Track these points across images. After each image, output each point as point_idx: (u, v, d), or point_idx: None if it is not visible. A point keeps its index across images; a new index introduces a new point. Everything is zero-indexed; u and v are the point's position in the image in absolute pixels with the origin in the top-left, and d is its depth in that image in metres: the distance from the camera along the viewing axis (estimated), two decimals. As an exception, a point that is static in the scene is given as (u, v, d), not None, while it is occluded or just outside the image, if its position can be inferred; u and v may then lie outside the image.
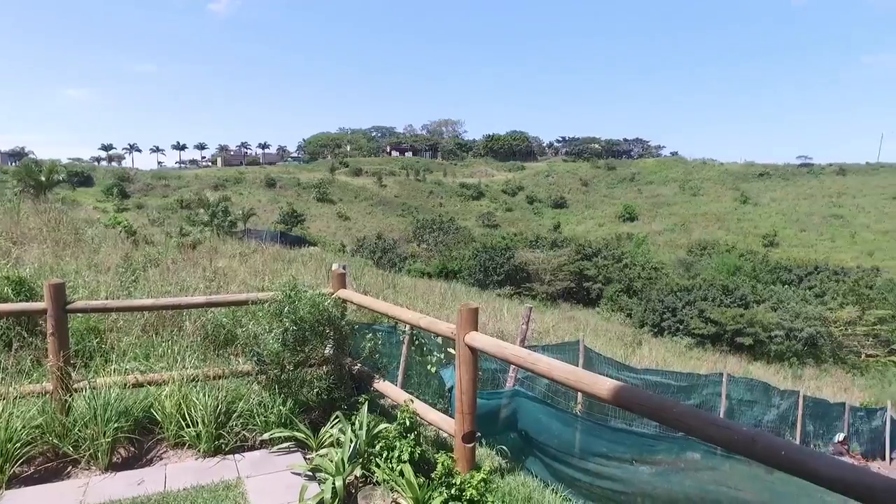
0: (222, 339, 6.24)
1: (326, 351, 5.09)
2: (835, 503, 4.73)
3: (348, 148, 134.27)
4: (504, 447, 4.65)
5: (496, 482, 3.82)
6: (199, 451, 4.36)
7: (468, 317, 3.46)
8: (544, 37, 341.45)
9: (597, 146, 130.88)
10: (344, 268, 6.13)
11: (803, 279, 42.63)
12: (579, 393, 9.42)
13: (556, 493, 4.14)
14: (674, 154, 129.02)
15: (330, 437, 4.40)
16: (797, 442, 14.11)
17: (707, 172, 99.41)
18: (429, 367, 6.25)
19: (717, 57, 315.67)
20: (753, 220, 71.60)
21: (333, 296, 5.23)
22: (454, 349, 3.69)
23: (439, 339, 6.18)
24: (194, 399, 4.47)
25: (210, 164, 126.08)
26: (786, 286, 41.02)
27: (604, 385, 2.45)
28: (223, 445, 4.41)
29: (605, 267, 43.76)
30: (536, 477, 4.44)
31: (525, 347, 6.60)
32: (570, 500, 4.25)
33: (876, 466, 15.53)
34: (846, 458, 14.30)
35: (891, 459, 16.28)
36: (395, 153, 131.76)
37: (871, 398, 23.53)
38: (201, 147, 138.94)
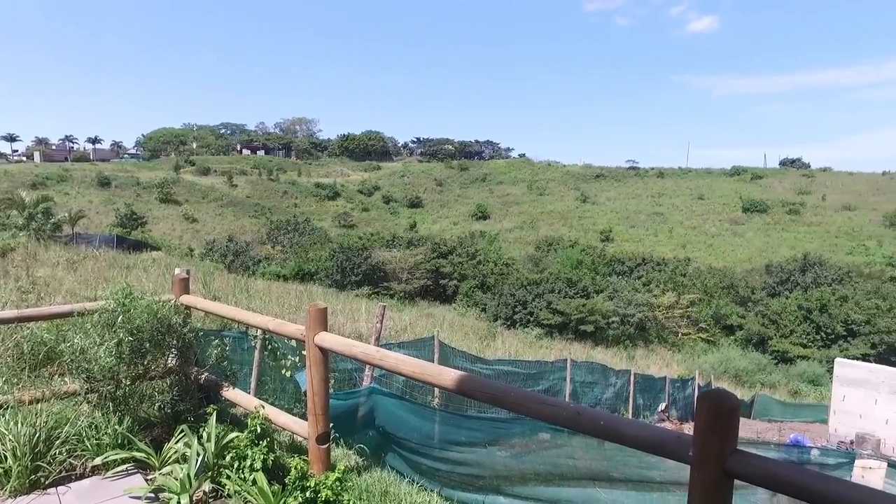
0: (42, 357, 5.54)
1: (169, 361, 4.75)
2: (654, 461, 5.42)
3: (195, 145, 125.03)
4: (363, 445, 4.68)
5: (352, 480, 3.84)
6: (6, 490, 3.75)
7: (317, 317, 3.44)
8: (397, 38, 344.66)
9: (450, 147, 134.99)
10: (187, 272, 5.75)
11: (634, 270, 47.39)
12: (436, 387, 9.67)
13: (414, 483, 4.26)
14: (522, 156, 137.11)
15: (175, 453, 4.12)
16: (629, 414, 15.79)
17: (552, 174, 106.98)
18: (283, 371, 6.09)
19: (558, 67, 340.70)
20: (592, 218, 78.35)
21: (174, 302, 4.90)
22: (308, 351, 3.64)
23: (293, 342, 6.04)
24: (2, 429, 3.91)
25: (24, 158, 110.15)
26: (620, 277, 45.28)
27: (448, 376, 2.59)
28: (42, 479, 3.84)
29: (460, 264, 45.23)
30: (395, 471, 4.53)
31: (380, 346, 6.68)
32: (427, 489, 4.39)
33: (688, 428, 17.89)
34: (666, 424, 16.25)
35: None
36: (246, 152, 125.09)
37: (685, 370, 27.00)
38: (11, 139, 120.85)
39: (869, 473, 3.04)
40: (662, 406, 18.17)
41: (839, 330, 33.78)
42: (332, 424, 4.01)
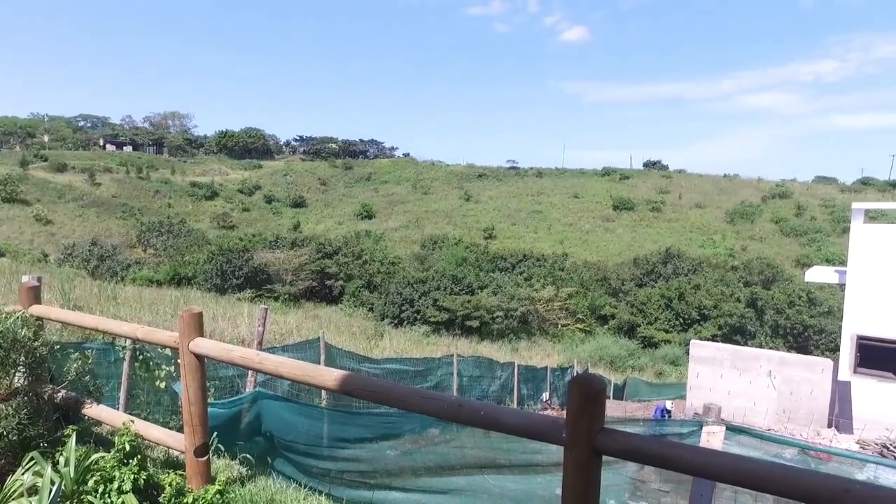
0: None
1: (16, 381, 4.24)
2: (539, 446, 5.71)
3: (46, 138, 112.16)
4: (248, 454, 4.49)
5: (235, 492, 3.68)
6: None
7: (191, 322, 3.25)
8: (277, 32, 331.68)
9: (334, 146, 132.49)
10: (38, 279, 5.18)
11: (515, 266, 49.22)
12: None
13: (302, 487, 4.16)
14: (406, 155, 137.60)
15: (21, 485, 3.66)
16: (514, 404, 16.46)
17: (435, 173, 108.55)
18: (157, 382, 5.69)
19: (441, 68, 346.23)
20: (476, 216, 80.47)
21: (21, 314, 4.38)
22: (183, 359, 3.42)
23: (168, 351, 5.67)
24: None
25: None
26: (503, 273, 46.80)
27: (331, 376, 2.57)
28: None
29: (346, 264, 44.67)
30: (284, 477, 4.40)
31: (263, 349, 6.44)
32: (317, 491, 4.31)
33: (569, 415, 18.97)
34: (549, 412, 17.16)
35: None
36: (111, 147, 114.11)
37: (565, 359, 28.65)
38: None
39: (712, 437, 3.48)
40: (545, 395, 19.13)
41: (694, 315, 37.50)
42: (215, 434, 3.81)
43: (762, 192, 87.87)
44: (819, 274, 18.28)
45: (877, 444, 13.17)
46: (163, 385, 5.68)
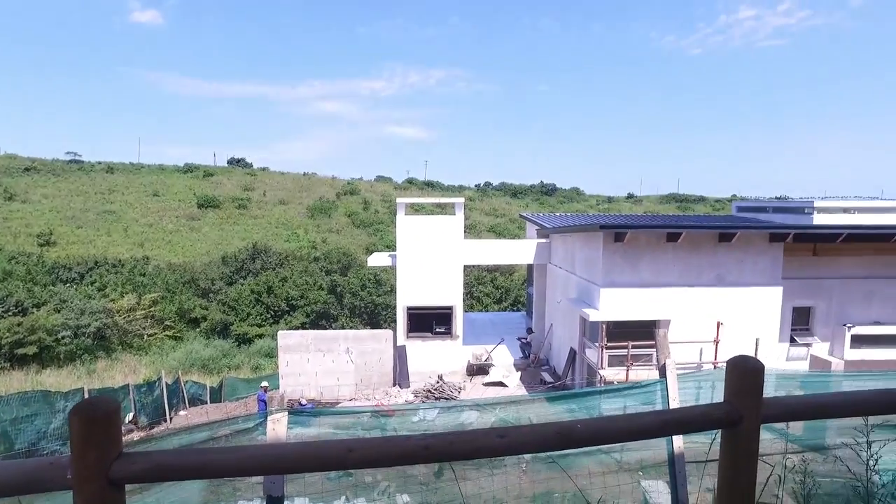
0: None
1: None
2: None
3: None
4: None
5: None
6: None
7: None
8: None
9: None
10: None
11: (85, 275, 42.52)
12: None
13: None
14: None
15: None
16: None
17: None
18: None
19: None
20: (25, 219, 65.25)
21: None
22: None
23: None
24: None
25: None
26: (67, 285, 40.02)
27: None
28: None
29: None
30: None
31: None
32: None
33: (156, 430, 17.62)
34: (136, 434, 15.54)
35: (170, 419, 18.80)
36: None
37: (153, 372, 26.32)
38: None
39: (277, 425, 3.69)
40: (130, 416, 17.29)
41: (283, 306, 39.40)
42: None
43: (336, 189, 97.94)
44: (378, 259, 21.61)
45: (424, 391, 16.55)
46: None
